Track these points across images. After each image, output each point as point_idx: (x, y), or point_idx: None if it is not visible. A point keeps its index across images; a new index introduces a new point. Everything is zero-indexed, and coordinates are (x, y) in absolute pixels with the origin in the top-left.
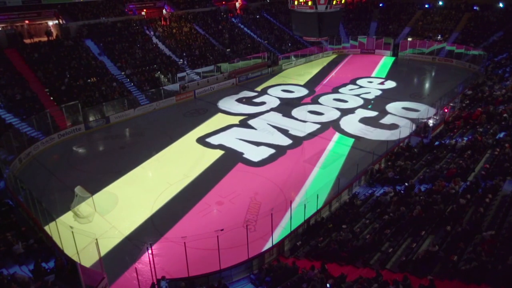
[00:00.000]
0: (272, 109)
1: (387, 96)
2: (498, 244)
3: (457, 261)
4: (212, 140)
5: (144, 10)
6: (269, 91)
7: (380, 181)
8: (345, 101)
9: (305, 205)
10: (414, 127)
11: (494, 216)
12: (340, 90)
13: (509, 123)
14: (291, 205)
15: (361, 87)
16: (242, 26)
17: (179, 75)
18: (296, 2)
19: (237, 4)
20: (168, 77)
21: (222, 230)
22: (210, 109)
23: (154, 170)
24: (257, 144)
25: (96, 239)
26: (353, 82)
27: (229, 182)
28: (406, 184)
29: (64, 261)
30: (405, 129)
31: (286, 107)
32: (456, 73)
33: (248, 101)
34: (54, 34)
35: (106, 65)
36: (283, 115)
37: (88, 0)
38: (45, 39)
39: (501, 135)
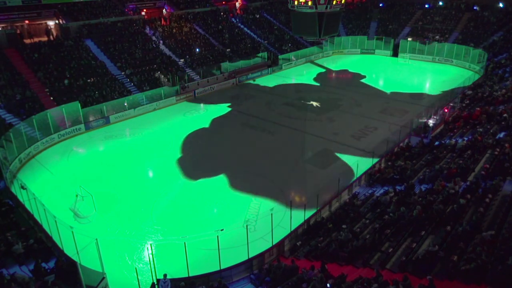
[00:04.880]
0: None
1: (387, 96)
2: (498, 244)
3: (457, 261)
4: (212, 139)
5: (144, 10)
6: None
7: (380, 181)
8: (344, 100)
9: (305, 205)
10: (414, 127)
11: (494, 216)
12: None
13: (509, 123)
14: (291, 205)
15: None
16: (242, 26)
17: None
18: (296, 2)
19: (237, 4)
20: (168, 77)
21: (222, 230)
22: (209, 108)
23: (155, 170)
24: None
25: (96, 239)
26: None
27: (229, 182)
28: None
29: (64, 261)
30: (405, 129)
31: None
32: (456, 73)
33: None
34: (54, 34)
35: (106, 65)
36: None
37: (88, 0)
38: (45, 39)
39: (501, 135)
